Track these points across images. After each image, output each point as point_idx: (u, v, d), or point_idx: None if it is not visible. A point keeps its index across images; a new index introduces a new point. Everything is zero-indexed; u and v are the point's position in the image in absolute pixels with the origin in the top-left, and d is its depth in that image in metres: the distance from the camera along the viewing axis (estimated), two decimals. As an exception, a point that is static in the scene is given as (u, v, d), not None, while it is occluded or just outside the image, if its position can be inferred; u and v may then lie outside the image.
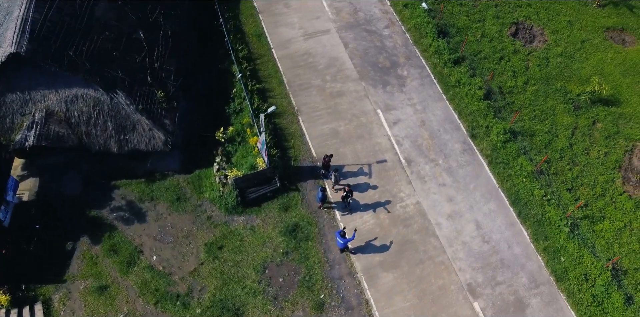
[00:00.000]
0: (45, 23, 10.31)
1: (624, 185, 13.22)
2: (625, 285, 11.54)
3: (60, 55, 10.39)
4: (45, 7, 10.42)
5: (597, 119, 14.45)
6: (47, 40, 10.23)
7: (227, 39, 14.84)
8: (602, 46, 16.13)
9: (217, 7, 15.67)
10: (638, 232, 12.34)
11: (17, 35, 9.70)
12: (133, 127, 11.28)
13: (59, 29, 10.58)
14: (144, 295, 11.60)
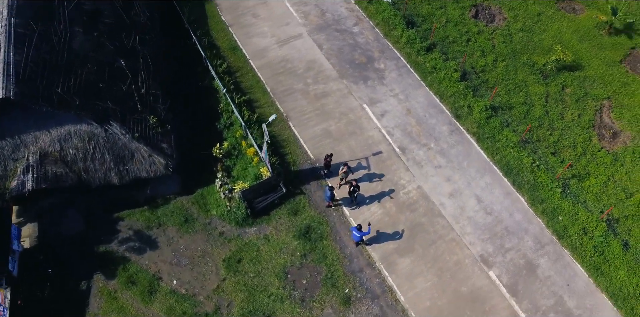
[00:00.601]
0: (28, 64, 10.37)
1: (600, 141, 14.41)
2: (620, 232, 12.66)
3: (48, 93, 10.48)
4: (25, 48, 10.48)
5: (565, 84, 15.61)
6: (33, 81, 10.31)
7: (204, 56, 15.10)
8: (556, 17, 17.37)
9: (187, 26, 15.89)
10: (621, 183, 13.52)
11: (3, 79, 9.75)
12: (132, 156, 11.46)
13: (41, 68, 10.66)
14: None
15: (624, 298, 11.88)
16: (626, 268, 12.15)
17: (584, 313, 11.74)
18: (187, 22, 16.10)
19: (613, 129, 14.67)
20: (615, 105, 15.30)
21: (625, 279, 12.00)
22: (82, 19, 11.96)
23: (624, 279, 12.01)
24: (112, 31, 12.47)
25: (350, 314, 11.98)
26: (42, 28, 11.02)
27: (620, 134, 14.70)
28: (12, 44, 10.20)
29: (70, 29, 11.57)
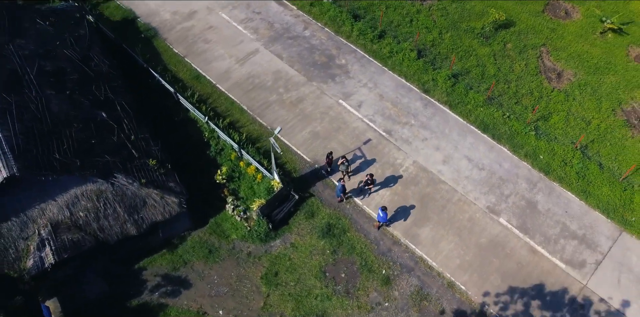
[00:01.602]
0: (18, 137, 10.52)
1: (550, 83, 16.58)
2: (592, 155, 14.78)
3: (48, 161, 10.67)
4: (8, 122, 10.61)
5: (505, 41, 17.68)
6: (30, 152, 10.46)
7: (174, 90, 15.56)
8: (479, -17, 19.47)
9: (146, 65, 16.22)
10: (578, 114, 15.71)
11: (1, 158, 9.87)
12: (143, 202, 11.85)
13: (32, 137, 10.80)
14: (232, 347, 12.20)
15: (613, 210, 13.95)
16: (607, 184, 14.25)
17: (586, 231, 13.64)
18: (144, 62, 16.39)
19: (556, 70, 16.88)
20: (552, 49, 17.57)
21: (609, 193, 14.08)
22: (50, 80, 12.14)
23: (608, 194, 14.09)
24: (82, 86, 12.73)
25: (394, 292, 13.09)
26: (16, 98, 11.15)
27: (563, 73, 16.95)
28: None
29: (42, 93, 11.75)
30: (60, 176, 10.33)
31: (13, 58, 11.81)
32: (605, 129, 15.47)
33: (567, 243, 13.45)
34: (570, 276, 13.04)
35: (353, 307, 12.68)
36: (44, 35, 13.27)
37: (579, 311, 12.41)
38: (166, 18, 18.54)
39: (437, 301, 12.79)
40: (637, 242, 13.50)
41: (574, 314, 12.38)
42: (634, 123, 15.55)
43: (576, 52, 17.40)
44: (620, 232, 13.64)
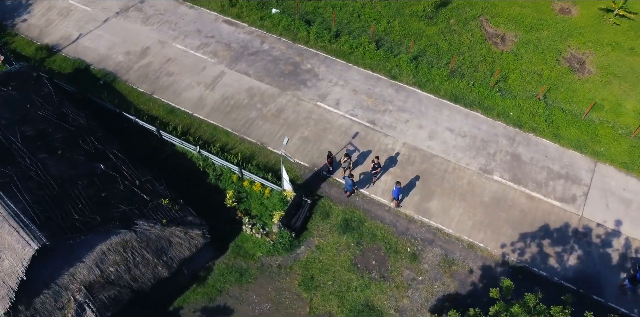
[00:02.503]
0: (33, 207, 10.73)
1: (497, 47, 18.68)
2: (552, 102, 16.93)
3: (71, 224, 10.97)
4: (17, 195, 10.79)
5: (447, 18, 19.62)
6: (50, 220, 10.69)
7: (157, 129, 15.89)
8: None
9: (119, 110, 16.37)
10: (530, 69, 17.85)
11: (27, 232, 10.08)
12: (169, 242, 12.33)
13: (45, 205, 11.05)
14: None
15: (584, 145, 16.13)
16: (573, 125, 16.45)
17: (568, 170, 15.69)
18: (115, 108, 16.45)
19: (499, 35, 19.01)
20: (489, 17, 19.72)
21: (577, 132, 16.26)
22: (37, 144, 12.33)
23: (576, 133, 16.27)
24: (69, 144, 12.96)
25: (424, 264, 14.42)
26: (14, 169, 11.32)
27: (505, 36, 19.12)
28: (4, 197, 10.48)
29: (36, 158, 11.94)
30: (87, 235, 10.63)
31: (-7, 131, 11.88)
32: (555, 78, 17.71)
33: (555, 183, 15.40)
34: (567, 210, 14.98)
35: (392, 289, 13.82)
36: (11, 101, 13.34)
37: (582, 239, 14.33)
38: (120, 60, 18.78)
39: (464, 263, 14.24)
40: (610, 169, 15.73)
41: (580, 242, 14.29)
42: (576, 67, 17.93)
43: (510, 15, 19.66)
44: (595, 163, 15.83)
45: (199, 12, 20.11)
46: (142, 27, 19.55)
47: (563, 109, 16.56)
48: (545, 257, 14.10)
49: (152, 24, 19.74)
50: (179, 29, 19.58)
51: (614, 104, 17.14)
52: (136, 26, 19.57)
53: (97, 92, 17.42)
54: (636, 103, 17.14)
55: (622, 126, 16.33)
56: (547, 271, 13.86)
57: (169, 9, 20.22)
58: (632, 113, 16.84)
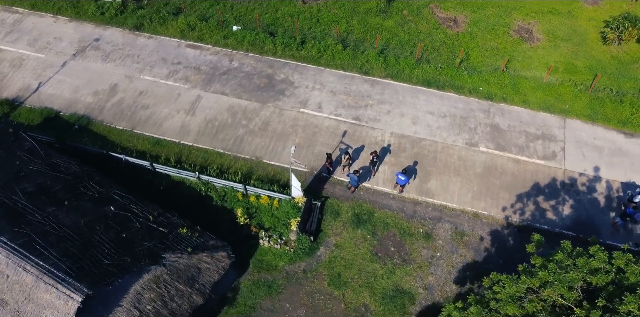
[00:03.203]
0: (63, 260, 11.05)
1: (452, 29, 20.51)
2: (514, 71, 18.89)
3: (104, 270, 11.35)
4: (42, 252, 11.09)
5: (400, 10, 21.29)
6: (83, 270, 10.99)
7: (150, 163, 16.06)
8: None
9: (105, 151, 16.35)
10: (487, 45, 19.73)
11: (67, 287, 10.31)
12: (198, 269, 12.88)
13: (74, 256, 11.38)
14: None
15: (551, 106, 18.13)
16: (537, 89, 18.44)
17: (542, 130, 17.60)
18: (100, 150, 16.53)
19: (451, 19, 20.87)
20: (438, 3, 21.57)
21: (542, 95, 18.25)
22: (42, 199, 12.60)
23: (541, 96, 18.26)
24: (72, 192, 13.26)
25: (438, 241, 15.77)
26: (29, 228, 11.59)
27: (457, 19, 21.01)
28: (31, 256, 10.76)
29: (46, 213, 12.23)
30: (122, 277, 11.05)
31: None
32: (511, 49, 19.72)
33: (535, 144, 17.27)
34: (551, 167, 16.85)
35: (415, 270, 15.06)
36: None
37: (571, 190, 16.21)
38: (90, 101, 18.94)
39: (473, 232, 15.72)
40: (578, 122, 17.83)
41: (569, 192, 16.15)
42: (526, 36, 20.04)
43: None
44: (564, 120, 17.87)
45: (159, 41, 20.61)
46: (105, 65, 19.76)
47: (525, 77, 18.53)
48: (542, 212, 15.83)
49: (113, 60, 20.02)
50: (142, 60, 19.99)
51: (567, 64, 19.34)
52: (98, 65, 19.76)
53: (76, 137, 17.42)
54: (585, 60, 19.43)
55: (579, 83, 18.51)
56: (547, 224, 15.57)
57: (127, 42, 20.58)
58: (584, 70, 19.09)
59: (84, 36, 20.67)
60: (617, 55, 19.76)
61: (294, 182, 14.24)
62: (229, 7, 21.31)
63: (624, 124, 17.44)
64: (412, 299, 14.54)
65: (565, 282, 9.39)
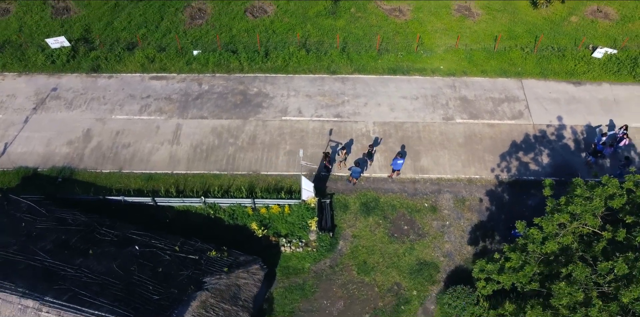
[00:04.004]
0: (115, 306, 11.58)
1: (400, 19, 22.68)
2: (467, 47, 21.31)
3: (158, 305, 11.95)
4: (93, 303, 11.65)
5: (347, 8, 23.21)
6: (138, 310, 11.51)
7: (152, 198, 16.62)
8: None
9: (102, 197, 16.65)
10: (435, 27, 22.11)
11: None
12: (237, 286, 13.81)
13: (122, 299, 11.84)
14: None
15: (506, 70, 20.66)
16: (491, 58, 20.93)
17: (505, 94, 20.05)
18: (96, 196, 16.83)
19: (396, 9, 23.07)
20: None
21: (496, 63, 20.74)
22: (65, 252, 13.07)
23: (496, 64, 20.76)
24: (91, 240, 13.76)
25: (443, 211, 17.66)
26: (67, 283, 12.10)
27: (401, 8, 23.24)
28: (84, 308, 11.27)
29: (76, 264, 12.75)
30: (178, 308, 11.80)
31: (15, 257, 12.44)
32: (457, 26, 22.19)
33: (502, 108, 19.71)
34: (521, 124, 19.33)
35: (431, 241, 16.84)
36: (3, 227, 13.77)
37: (543, 140, 18.70)
38: (66, 151, 19.08)
39: (472, 196, 17.77)
40: (532, 81, 20.51)
41: (543, 143, 18.64)
42: (467, 13, 22.63)
43: (395, -11, 23.87)
44: (521, 81, 20.50)
45: (121, 79, 21.16)
46: (71, 113, 19.95)
47: (477, 49, 21.00)
48: (525, 165, 18.21)
49: (79, 106, 20.32)
50: (109, 101, 20.45)
51: (509, 32, 22.09)
52: (63, 114, 19.90)
53: (63, 190, 17.51)
54: (523, 26, 22.29)
55: (524, 46, 21.26)
56: (532, 175, 17.95)
57: (88, 86, 20.95)
58: (525, 34, 21.91)
59: (40, 88, 20.78)
60: (548, 17, 22.84)
61: (306, 185, 15.52)
62: (182, 34, 22.24)
63: (571, 75, 20.32)
64: (436, 268, 16.26)
65: (590, 211, 11.04)
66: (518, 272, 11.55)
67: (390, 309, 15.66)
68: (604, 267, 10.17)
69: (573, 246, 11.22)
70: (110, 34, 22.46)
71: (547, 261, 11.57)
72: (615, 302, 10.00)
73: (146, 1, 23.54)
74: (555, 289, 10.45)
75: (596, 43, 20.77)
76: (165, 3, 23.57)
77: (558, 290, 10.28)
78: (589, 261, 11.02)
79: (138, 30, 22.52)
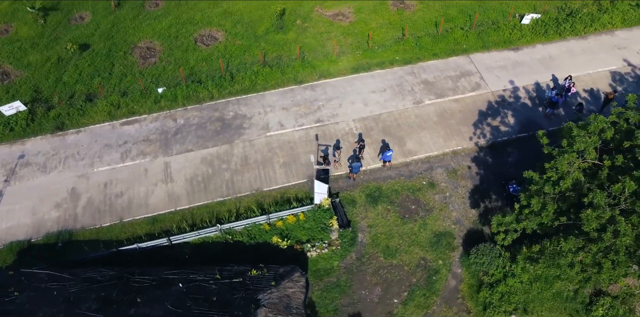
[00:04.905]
0: None
1: (344, 22, 25.28)
2: (411, 36, 24.28)
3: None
4: None
5: (292, 21, 25.48)
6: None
7: (167, 237, 17.34)
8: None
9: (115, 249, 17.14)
10: (380, 24, 24.84)
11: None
12: (287, 296, 15.14)
13: None
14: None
15: (454, 50, 23.81)
16: (438, 42, 23.95)
17: (459, 70, 23.10)
18: (109, 250, 17.29)
19: (338, 14, 25.59)
20: (320, 5, 26.23)
21: (443, 45, 23.84)
22: (113, 308, 13.80)
23: (443, 46, 23.81)
24: (130, 291, 14.44)
25: (441, 185, 20.15)
26: None
27: (342, 12, 25.87)
28: None
29: (131, 313, 13.57)
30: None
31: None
32: (399, 19, 25.04)
33: (461, 83, 22.78)
34: (482, 94, 22.53)
35: (439, 213, 19.19)
36: (39, 300, 14.12)
37: (505, 104, 21.88)
38: (56, 215, 19.16)
39: (460, 165, 20.44)
40: (478, 54, 23.71)
41: (504, 106, 21.77)
42: (402, 6, 25.67)
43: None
44: (469, 56, 23.73)
45: (90, 132, 21.74)
46: (48, 176, 20.13)
47: (423, 36, 24.04)
48: (496, 128, 21.26)
49: (54, 168, 20.61)
50: (86, 155, 20.96)
51: (445, 16, 25.28)
52: (40, 179, 20.05)
53: (68, 253, 17.74)
54: (456, 8, 25.58)
55: (463, 25, 24.64)
56: (506, 136, 21.03)
57: (57, 145, 21.28)
58: (460, 15, 25.27)
59: (4, 159, 20.84)
60: (472, -5, 26.55)
61: (319, 188, 17.26)
62: (139, 74, 23.24)
63: (509, 43, 23.95)
64: (451, 236, 18.64)
65: (592, 145, 13.27)
66: (541, 214, 13.90)
67: (424, 282, 17.73)
68: (617, 189, 12.69)
69: (582, 180, 13.68)
70: (64, 89, 22.91)
71: (563, 198, 14.06)
72: (635, 214, 12.55)
73: (90, 51, 24.21)
74: (583, 217, 12.69)
75: (522, 12, 24.62)
76: (112, 48, 24.41)
77: (586, 217, 12.64)
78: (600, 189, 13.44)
79: (92, 81, 23.18)
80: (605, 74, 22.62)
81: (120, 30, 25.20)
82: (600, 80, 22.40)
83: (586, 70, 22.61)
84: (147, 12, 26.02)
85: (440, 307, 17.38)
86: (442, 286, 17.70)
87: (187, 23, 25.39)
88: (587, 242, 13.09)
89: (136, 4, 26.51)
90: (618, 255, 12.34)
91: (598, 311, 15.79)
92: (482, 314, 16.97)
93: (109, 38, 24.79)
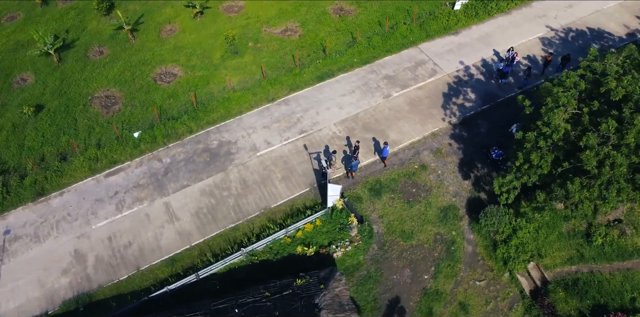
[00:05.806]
0: None
1: (294, 36, 27.81)
2: (363, 37, 27.37)
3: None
4: None
5: (244, 44, 27.58)
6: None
7: (195, 274, 18.31)
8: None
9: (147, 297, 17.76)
10: (330, 30, 27.60)
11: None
12: (337, 295, 16.65)
13: None
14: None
15: (402, 44, 27.09)
16: (385, 40, 27.04)
17: (414, 61, 26.34)
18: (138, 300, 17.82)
19: (286, 30, 28.15)
20: (265, 24, 28.42)
21: (391, 41, 26.93)
22: None
23: (391, 42, 26.91)
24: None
25: (431, 165, 22.86)
26: None
27: (289, 27, 28.43)
28: None
29: None
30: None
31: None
32: (344, 25, 27.92)
33: (419, 72, 25.96)
34: (439, 78, 25.76)
35: (439, 190, 21.79)
36: None
37: (462, 82, 25.39)
38: (67, 281, 19.27)
39: (442, 144, 23.41)
40: (425, 44, 27.03)
41: (463, 85, 25.17)
42: (343, 12, 28.62)
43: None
44: (418, 47, 27.12)
45: (74, 190, 22.14)
46: (44, 244, 20.15)
47: (373, 37, 27.12)
48: (462, 106, 24.57)
49: (48, 235, 20.76)
50: (79, 214, 21.32)
51: (385, 14, 28.54)
52: (36, 249, 20.03)
53: (96, 313, 18.05)
54: (392, 6, 28.91)
55: (404, 21, 27.96)
56: (472, 110, 24.38)
57: (43, 212, 21.36)
58: (398, 12, 28.53)
59: (-12, 238, 20.64)
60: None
61: (332, 191, 19.20)
62: (106, 124, 24.00)
63: (448, 29, 27.69)
64: (455, 208, 21.38)
65: (571, 97, 15.52)
66: (541, 166, 16.58)
67: (445, 254, 20.19)
68: (604, 129, 15.74)
69: (568, 129, 16.25)
70: (30, 154, 23.08)
71: (557, 148, 16.91)
72: (623, 146, 15.12)
73: (45, 111, 24.56)
74: (583, 157, 15.35)
75: (452, 0, 28.59)
76: (68, 103, 24.96)
77: (586, 157, 15.30)
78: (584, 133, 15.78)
79: (58, 140, 23.58)
80: (535, 41, 26.94)
81: (72, 84, 25.79)
82: (533, 47, 26.66)
83: (519, 41, 26.80)
84: (94, 62, 26.82)
85: (466, 272, 19.88)
86: (462, 253, 20.24)
87: (140, 64, 26.56)
88: (589, 180, 16.12)
89: (79, 56, 27.22)
90: (620, 183, 15.45)
91: (598, 240, 19.07)
92: (504, 268, 19.65)
93: (62, 94, 25.28)
